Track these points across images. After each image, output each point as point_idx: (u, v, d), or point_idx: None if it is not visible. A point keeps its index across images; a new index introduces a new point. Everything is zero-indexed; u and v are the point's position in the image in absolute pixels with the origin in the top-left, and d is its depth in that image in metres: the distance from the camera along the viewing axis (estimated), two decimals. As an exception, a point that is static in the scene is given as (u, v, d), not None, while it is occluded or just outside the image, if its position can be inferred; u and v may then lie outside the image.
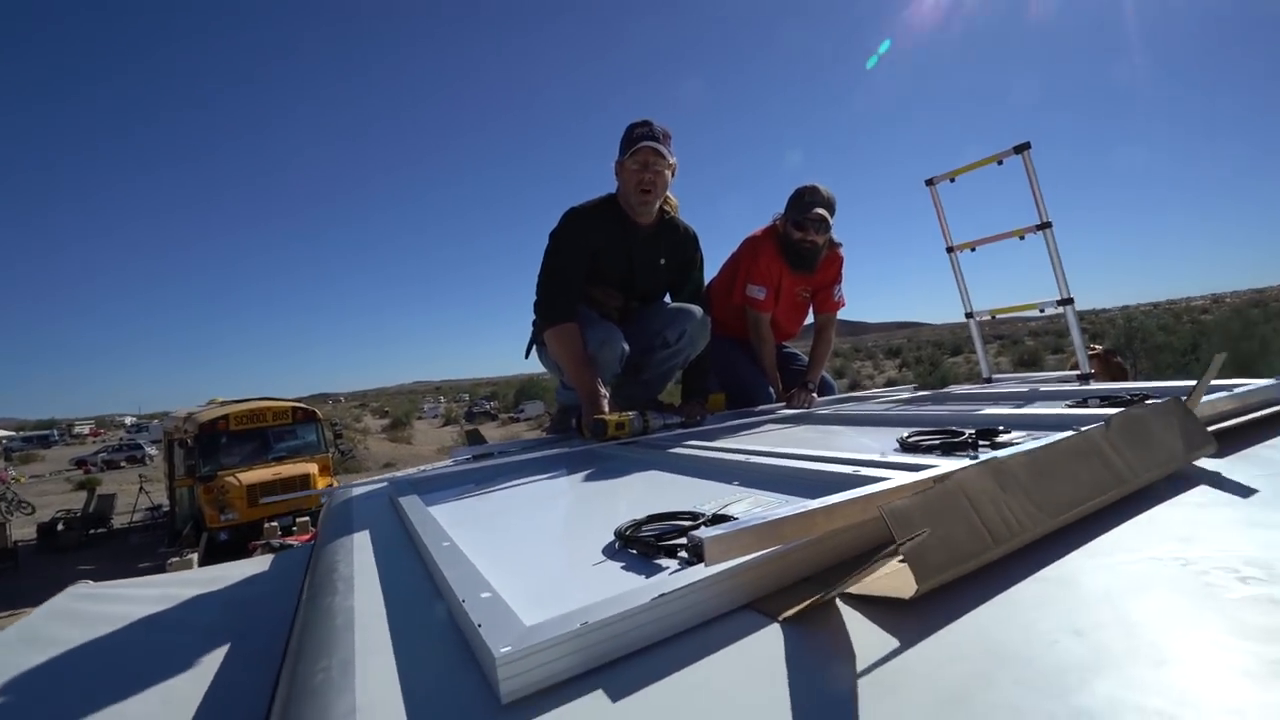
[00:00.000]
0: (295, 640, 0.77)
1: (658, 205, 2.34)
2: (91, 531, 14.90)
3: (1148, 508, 0.77)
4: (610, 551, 0.86)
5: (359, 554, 1.04)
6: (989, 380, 2.91)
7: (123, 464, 34.96)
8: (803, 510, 0.68)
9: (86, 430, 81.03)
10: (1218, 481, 0.86)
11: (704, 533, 0.62)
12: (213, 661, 1.06)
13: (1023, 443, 1.08)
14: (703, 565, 0.62)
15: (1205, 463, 0.94)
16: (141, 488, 16.44)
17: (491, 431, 34.39)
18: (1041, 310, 2.67)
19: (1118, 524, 0.73)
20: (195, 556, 6.69)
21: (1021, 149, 2.51)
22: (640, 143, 2.19)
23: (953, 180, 2.83)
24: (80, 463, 33.64)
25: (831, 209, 2.88)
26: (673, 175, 2.32)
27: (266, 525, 8.96)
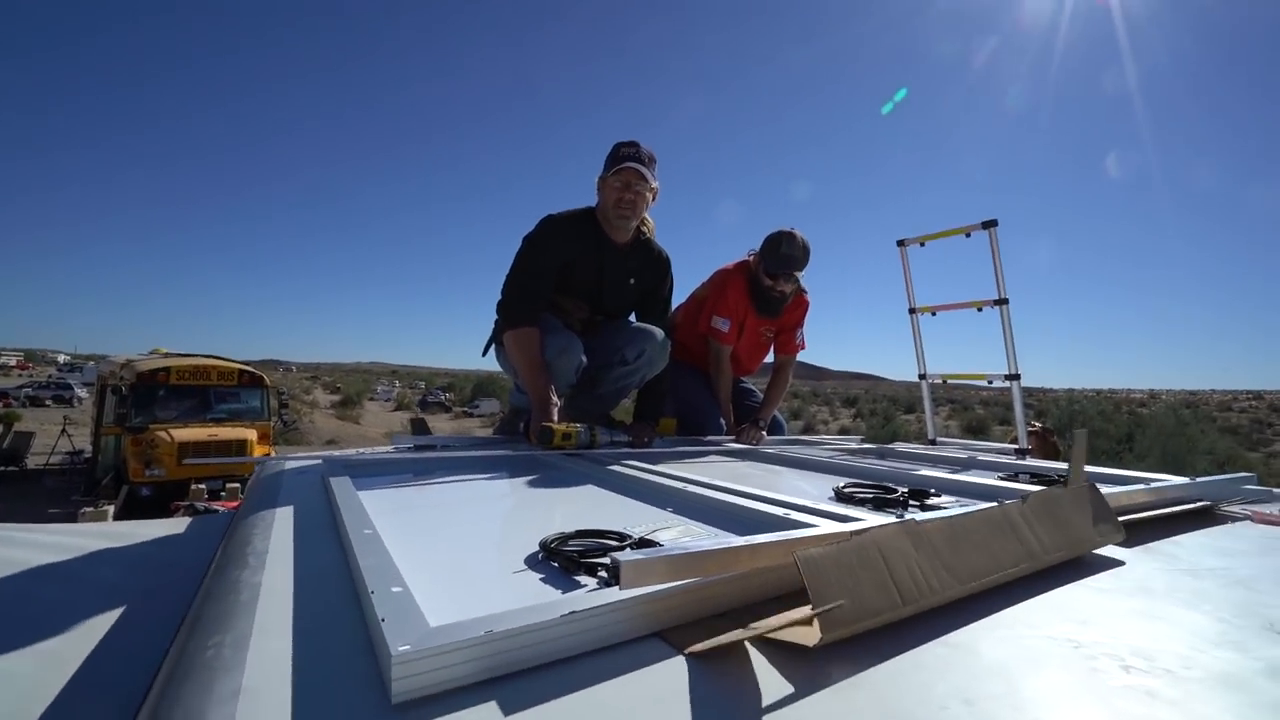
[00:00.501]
0: (194, 611, 0.75)
1: (634, 225, 2.37)
2: (1, 468, 14.08)
3: (1052, 587, 0.80)
4: (532, 561, 0.86)
5: (278, 530, 1.01)
6: (933, 442, 2.99)
7: (48, 402, 33.20)
8: (725, 546, 0.69)
9: (13, 362, 76.77)
10: (1121, 570, 0.90)
11: (623, 556, 0.62)
12: (103, 623, 1.01)
13: (950, 508, 1.12)
14: (617, 588, 0.62)
15: (1113, 550, 0.98)
16: (64, 430, 15.59)
17: (442, 424, 33.78)
18: (990, 382, 2.77)
19: (1022, 599, 0.76)
20: (112, 509, 6.36)
21: (989, 225, 2.61)
22: (625, 162, 2.22)
23: (922, 244, 2.93)
24: (1, 395, 31.83)
25: (805, 259, 2.94)
26: (653, 199, 2.35)
27: (193, 486, 8.59)
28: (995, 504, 0.91)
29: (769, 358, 3.42)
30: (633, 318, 2.64)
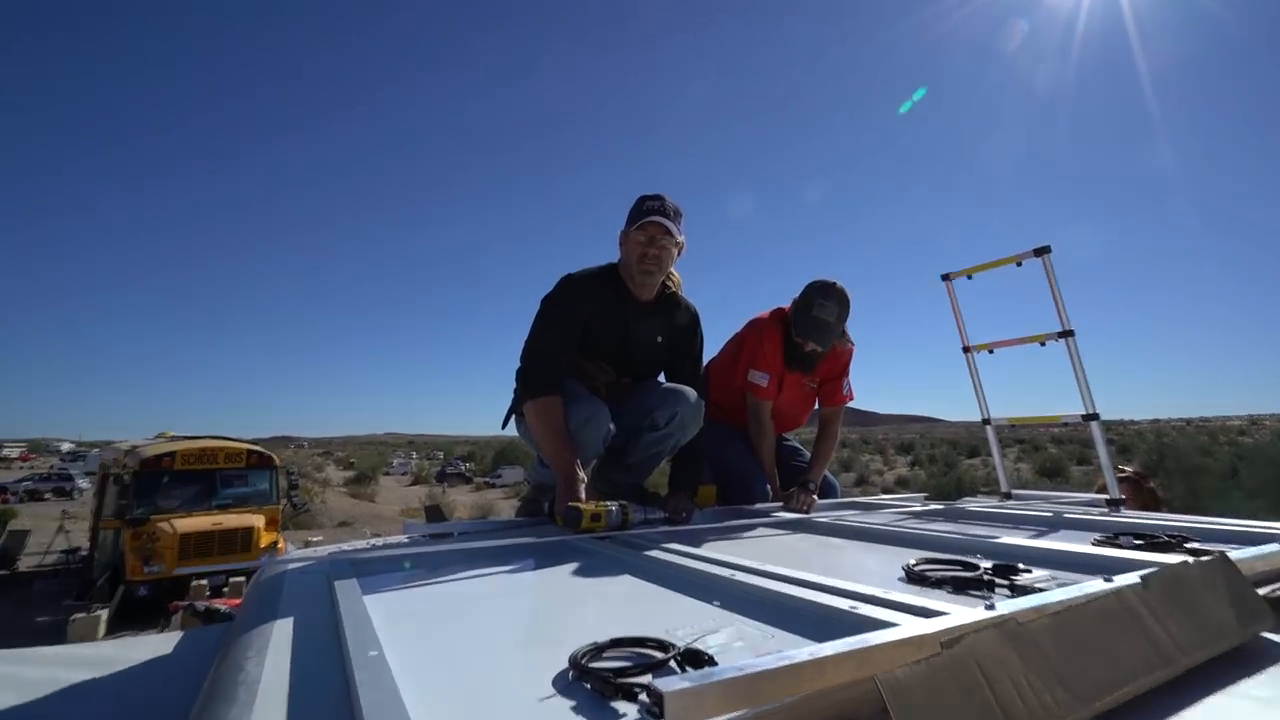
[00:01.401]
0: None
1: (659, 281, 2.36)
2: (-6, 572, 14.28)
3: (1198, 698, 0.70)
4: (561, 683, 0.79)
5: (274, 652, 0.97)
6: (1008, 495, 2.85)
7: (47, 495, 33.95)
8: (786, 664, 0.62)
9: (16, 454, 79.31)
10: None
11: (666, 684, 0.56)
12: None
13: (1047, 588, 1.02)
14: (661, 725, 0.56)
15: (1264, 639, 0.87)
16: (62, 526, 15.83)
17: (463, 495, 33.72)
18: (1065, 424, 2.65)
19: (1164, 717, 0.66)
20: (104, 615, 6.33)
21: (1042, 252, 2.54)
22: (650, 216, 2.22)
23: (970, 277, 2.86)
24: (-1, 490, 32.70)
25: (844, 314, 2.89)
26: (679, 254, 2.36)
27: (194, 583, 8.59)
28: (1105, 584, 0.83)
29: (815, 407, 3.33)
30: (661, 378, 2.61)
